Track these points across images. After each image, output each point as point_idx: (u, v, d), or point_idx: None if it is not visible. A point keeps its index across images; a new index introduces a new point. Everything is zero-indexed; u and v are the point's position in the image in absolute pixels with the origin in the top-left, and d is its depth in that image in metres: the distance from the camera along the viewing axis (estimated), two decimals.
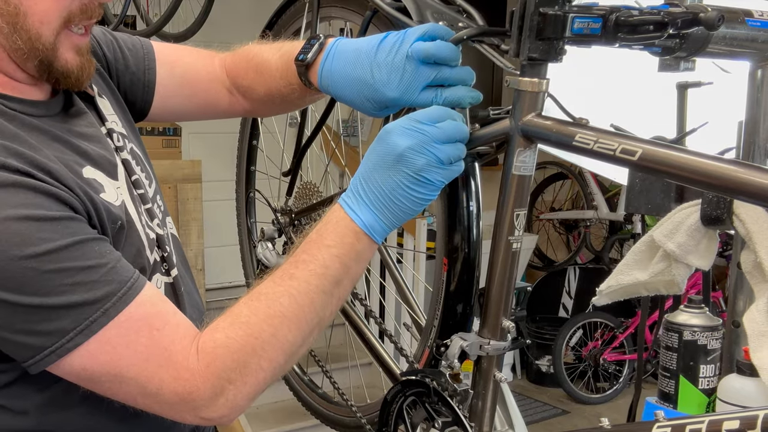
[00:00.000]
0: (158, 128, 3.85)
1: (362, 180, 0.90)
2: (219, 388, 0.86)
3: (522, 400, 4.61)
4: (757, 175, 0.70)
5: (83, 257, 0.83)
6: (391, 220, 0.90)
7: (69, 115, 0.99)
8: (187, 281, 1.10)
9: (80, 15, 0.91)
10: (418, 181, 0.87)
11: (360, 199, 0.90)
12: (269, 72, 1.12)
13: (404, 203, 0.89)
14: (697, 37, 0.83)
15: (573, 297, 5.13)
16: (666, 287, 1.09)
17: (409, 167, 0.87)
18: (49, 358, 0.82)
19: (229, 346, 0.87)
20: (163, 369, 0.85)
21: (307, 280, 0.89)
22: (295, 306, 0.89)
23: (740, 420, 0.70)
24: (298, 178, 1.57)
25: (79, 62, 0.94)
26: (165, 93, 1.18)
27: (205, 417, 0.88)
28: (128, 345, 0.84)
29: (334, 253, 0.89)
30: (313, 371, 1.70)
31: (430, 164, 0.87)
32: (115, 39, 1.16)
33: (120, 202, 0.95)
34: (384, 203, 0.89)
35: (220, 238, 3.91)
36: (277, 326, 0.88)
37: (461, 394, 0.99)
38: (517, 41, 0.87)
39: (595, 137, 0.82)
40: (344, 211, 0.90)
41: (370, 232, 0.90)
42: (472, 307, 1.11)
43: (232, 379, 0.87)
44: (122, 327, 0.84)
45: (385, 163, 0.88)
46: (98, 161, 0.96)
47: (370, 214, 0.89)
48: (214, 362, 0.86)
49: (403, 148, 0.87)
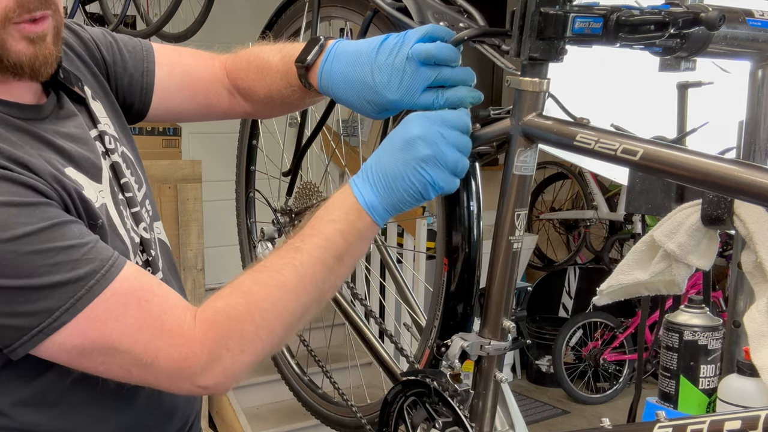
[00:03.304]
0: (158, 128, 3.85)
1: (373, 161, 0.92)
2: (216, 355, 0.88)
3: (522, 400, 4.61)
4: (758, 175, 0.70)
5: (63, 237, 0.84)
6: (392, 205, 0.91)
7: (59, 117, 0.99)
8: (173, 286, 1.10)
9: (18, 9, 0.88)
10: (418, 172, 0.89)
11: (366, 180, 0.92)
12: (270, 73, 1.12)
13: (402, 193, 0.90)
14: (697, 37, 0.83)
15: (573, 297, 5.13)
16: (666, 287, 1.09)
17: (414, 155, 0.89)
18: (36, 337, 0.83)
19: (228, 313, 0.89)
20: (157, 337, 0.87)
21: (310, 252, 0.91)
22: (296, 277, 0.90)
23: (742, 420, 0.70)
24: (298, 178, 1.57)
25: (33, 52, 0.91)
26: (164, 94, 1.18)
27: (201, 385, 0.89)
28: (118, 318, 0.85)
29: (338, 228, 0.91)
30: (313, 371, 1.70)
31: (434, 158, 0.89)
32: (115, 41, 1.16)
33: (101, 204, 0.96)
34: (386, 187, 0.90)
35: (220, 238, 3.91)
36: (278, 296, 0.90)
37: (462, 395, 0.99)
38: (517, 41, 0.87)
39: (596, 137, 0.82)
40: (350, 190, 0.92)
41: (371, 212, 0.91)
42: (472, 307, 1.11)
43: (230, 347, 0.88)
44: (109, 302, 0.85)
45: (395, 147, 0.90)
46: (81, 164, 0.96)
47: (373, 195, 0.91)
48: (212, 328, 0.88)
49: (415, 135, 0.89)
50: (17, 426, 0.93)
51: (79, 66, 1.09)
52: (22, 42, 0.91)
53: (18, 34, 0.90)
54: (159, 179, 3.58)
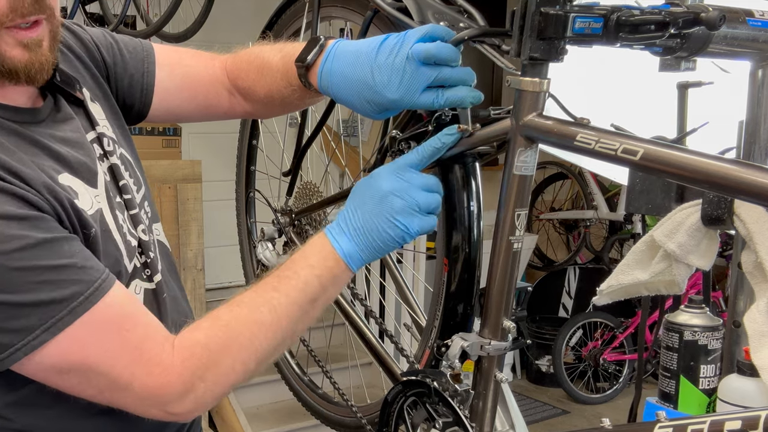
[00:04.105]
0: (158, 128, 3.84)
1: (348, 213, 0.97)
2: (191, 385, 0.90)
3: (522, 400, 4.61)
4: (758, 175, 0.70)
5: (52, 256, 0.84)
6: (370, 255, 0.97)
7: (55, 120, 0.99)
8: (172, 288, 1.11)
9: (11, 14, 0.87)
10: (394, 225, 0.94)
11: (343, 232, 0.96)
12: (270, 73, 1.12)
13: (379, 243, 0.95)
14: (698, 37, 0.83)
15: (573, 297, 5.13)
16: (666, 287, 1.08)
17: (388, 209, 0.94)
18: (15, 355, 0.83)
19: (207, 345, 0.91)
20: (135, 364, 0.88)
21: (288, 294, 0.95)
22: (273, 316, 0.94)
23: (742, 420, 0.70)
24: (298, 178, 1.57)
25: (27, 58, 0.90)
26: (165, 95, 1.18)
27: (171, 412, 0.91)
28: (98, 343, 0.86)
29: (315, 273, 0.96)
30: (313, 371, 1.70)
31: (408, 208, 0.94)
32: (116, 41, 1.16)
33: (95, 211, 0.95)
34: (362, 238, 0.95)
35: (220, 238, 3.91)
36: (255, 333, 0.93)
37: (462, 395, 0.99)
38: (518, 41, 0.87)
39: (597, 137, 0.82)
40: (328, 239, 0.97)
41: (347, 260, 0.96)
42: (472, 307, 1.11)
43: (205, 378, 0.90)
44: (91, 326, 0.85)
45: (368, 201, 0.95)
46: (77, 168, 0.96)
47: (350, 244, 0.96)
48: (190, 359, 0.90)
49: (386, 190, 0.94)
50: (17, 427, 0.93)
51: (78, 67, 1.08)
52: (17, 48, 0.89)
53: (12, 39, 0.89)
54: (159, 179, 3.58)
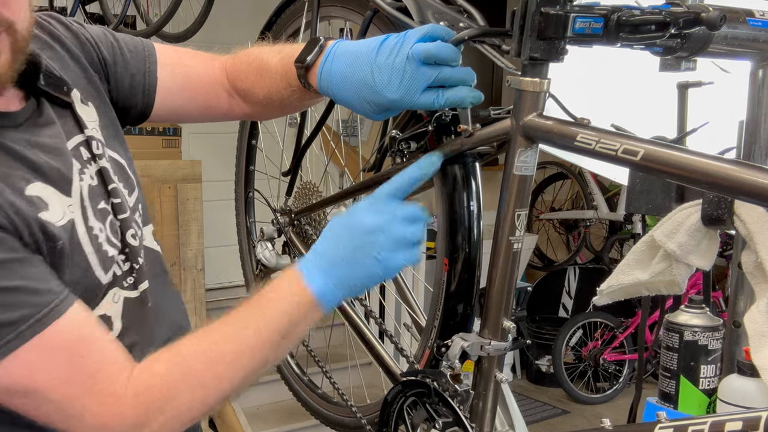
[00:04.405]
0: (158, 128, 3.84)
1: (326, 249, 0.93)
2: (145, 418, 0.87)
3: (522, 400, 4.60)
4: (758, 175, 0.70)
5: (5, 277, 0.81)
6: (347, 291, 0.93)
7: (36, 125, 0.95)
8: (162, 296, 1.08)
9: None
10: (377, 261, 0.91)
11: (319, 267, 0.93)
12: (270, 74, 1.11)
13: (362, 280, 0.92)
14: (698, 37, 0.83)
15: (573, 297, 5.12)
16: (666, 287, 1.08)
17: (371, 246, 0.91)
18: None
19: (166, 378, 0.88)
20: (86, 395, 0.85)
21: (256, 331, 0.92)
22: (238, 353, 0.91)
23: (743, 421, 0.70)
24: (298, 178, 1.57)
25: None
26: (167, 95, 1.17)
27: None
28: (47, 368, 0.83)
29: (284, 309, 0.92)
30: (313, 371, 1.70)
31: (391, 243, 0.91)
32: (116, 40, 1.14)
33: (66, 221, 0.92)
34: (342, 275, 0.92)
35: (220, 238, 3.90)
36: (219, 371, 0.90)
37: (462, 395, 0.99)
38: (518, 41, 0.87)
39: (597, 137, 0.82)
40: (301, 274, 0.93)
41: (320, 299, 0.93)
42: (472, 307, 1.11)
43: (162, 411, 0.87)
44: (40, 350, 0.83)
45: (350, 238, 0.92)
46: (49, 176, 0.92)
47: (323, 282, 0.92)
48: (146, 391, 0.87)
49: (369, 226, 0.91)
50: None
51: (71, 66, 1.05)
52: None
53: None
54: (159, 179, 3.57)
